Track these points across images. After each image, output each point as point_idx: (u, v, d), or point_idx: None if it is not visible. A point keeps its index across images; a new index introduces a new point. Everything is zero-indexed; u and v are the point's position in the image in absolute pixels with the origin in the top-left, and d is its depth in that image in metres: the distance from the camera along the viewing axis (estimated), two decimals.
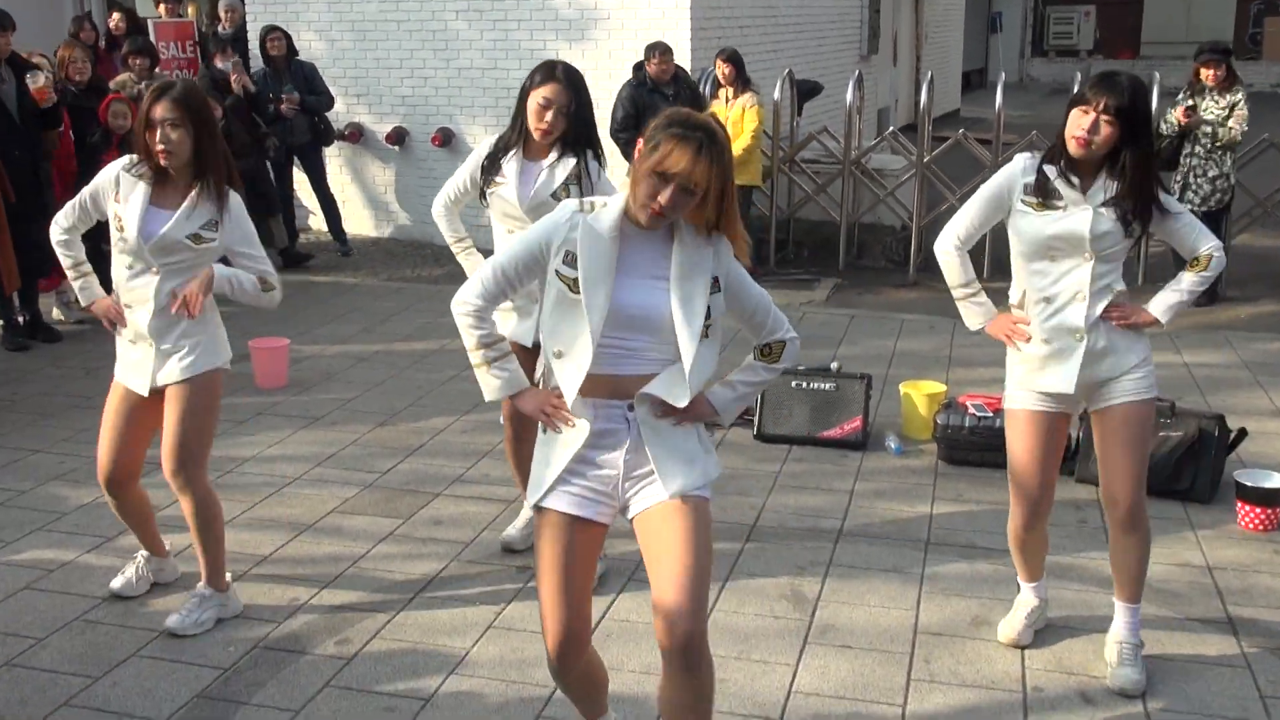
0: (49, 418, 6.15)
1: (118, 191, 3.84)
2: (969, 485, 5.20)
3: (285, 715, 3.50)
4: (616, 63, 9.52)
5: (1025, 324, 3.64)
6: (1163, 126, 8.20)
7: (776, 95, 9.41)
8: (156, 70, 9.17)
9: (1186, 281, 3.62)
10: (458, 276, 4.23)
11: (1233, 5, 25.34)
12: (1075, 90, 3.49)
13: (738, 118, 8.79)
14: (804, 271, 9.40)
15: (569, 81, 4.07)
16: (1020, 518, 3.75)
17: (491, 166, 4.20)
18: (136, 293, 3.91)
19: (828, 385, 5.71)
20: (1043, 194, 3.55)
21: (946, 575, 4.37)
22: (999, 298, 3.89)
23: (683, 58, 9.30)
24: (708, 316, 2.78)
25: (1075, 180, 3.52)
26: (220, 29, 10.88)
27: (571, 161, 4.13)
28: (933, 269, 9.14)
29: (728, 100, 8.88)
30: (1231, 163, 8.23)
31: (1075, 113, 3.47)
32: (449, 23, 10.13)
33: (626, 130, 8.88)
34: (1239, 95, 8.18)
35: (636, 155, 2.77)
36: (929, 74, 9.96)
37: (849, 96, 9.52)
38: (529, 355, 3.90)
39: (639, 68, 8.92)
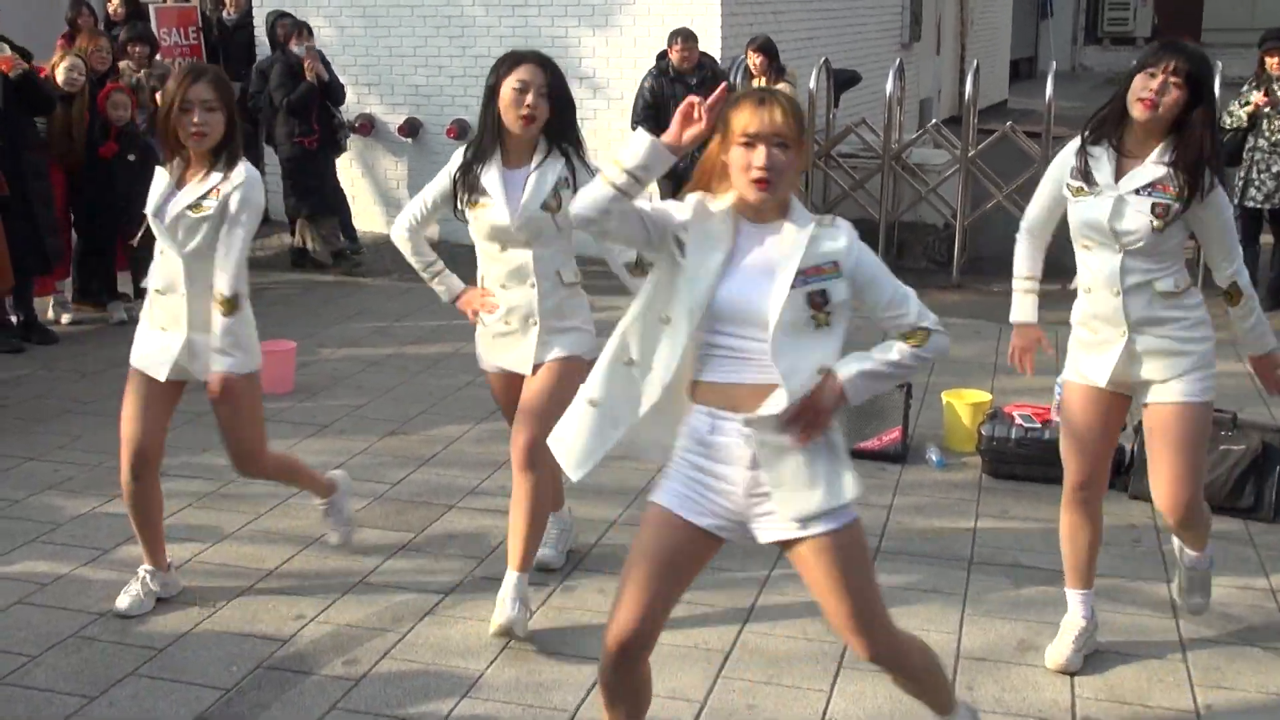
0: (42, 423, 6.20)
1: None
2: (1015, 501, 5.18)
3: None
4: (642, 50, 9.54)
5: (1033, 348, 4.00)
6: (1226, 119, 8.15)
7: (812, 85, 9.41)
8: (157, 58, 9.25)
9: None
10: (472, 277, 4.26)
11: None
12: (1137, 62, 3.59)
13: None
14: None
15: (542, 62, 3.93)
16: (1070, 490, 3.85)
17: (467, 182, 4.00)
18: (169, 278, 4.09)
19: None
20: (1082, 178, 3.64)
21: (991, 597, 4.35)
22: (1051, 298, 3.90)
23: (713, 45, 9.32)
24: (819, 304, 2.77)
25: (1113, 163, 3.59)
26: (225, 14, 10.96)
27: (559, 162, 3.99)
28: (977, 270, 9.20)
29: None
30: None
31: (1140, 77, 3.52)
32: (465, 9, 10.18)
33: (645, 121, 8.90)
34: None
35: (711, 150, 2.86)
36: (974, 63, 9.95)
37: (889, 87, 9.51)
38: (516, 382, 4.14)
39: (662, 56, 8.95)
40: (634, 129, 8.86)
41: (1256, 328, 3.72)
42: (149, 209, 4.06)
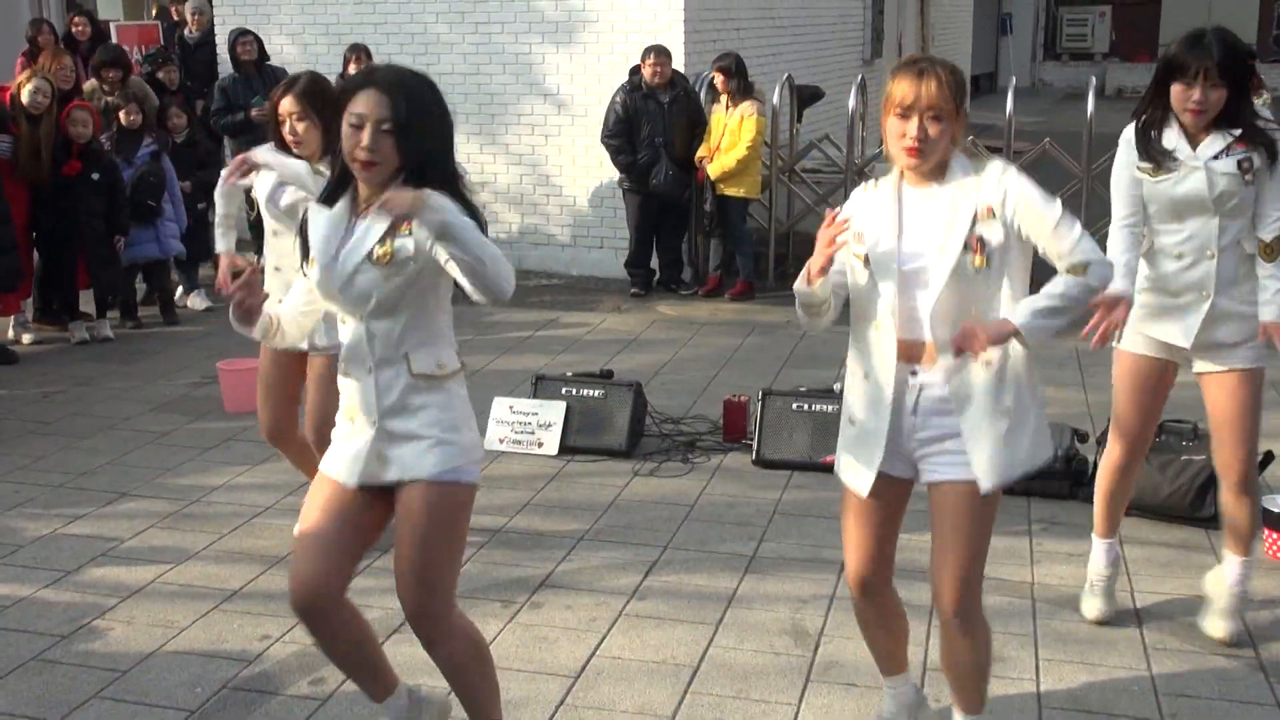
0: (2, 445, 6.13)
1: None
2: None
3: None
4: (606, 67, 9.56)
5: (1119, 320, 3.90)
6: None
7: (775, 101, 9.46)
8: (134, 76, 9.20)
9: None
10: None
11: (1256, 6, 25.51)
12: (1164, 58, 3.77)
13: (735, 126, 8.83)
14: None
15: (390, 86, 2.88)
16: (1117, 456, 4.10)
17: (304, 236, 3.10)
18: None
19: (831, 407, 5.72)
20: (1152, 159, 3.80)
21: None
22: None
23: (676, 62, 9.34)
24: (975, 248, 2.97)
25: (1185, 139, 3.76)
26: (187, 32, 10.91)
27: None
28: None
29: (727, 107, 8.92)
30: None
31: (1177, 88, 3.71)
32: (429, 25, 10.17)
33: (617, 137, 8.93)
34: (1262, 97, 8.23)
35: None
36: None
37: (851, 102, 9.57)
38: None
39: (634, 71, 8.97)
40: (604, 144, 8.91)
41: None
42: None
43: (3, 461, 5.88)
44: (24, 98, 7.58)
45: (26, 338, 8.06)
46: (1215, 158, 3.73)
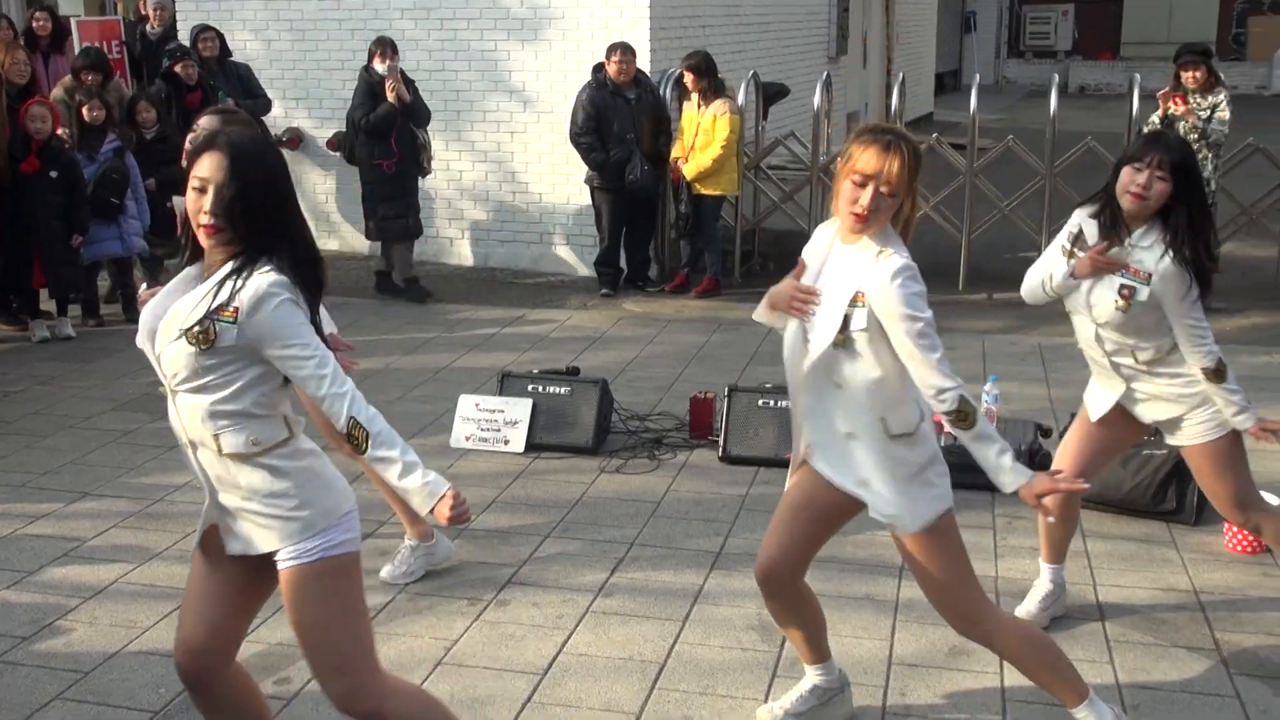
0: None
1: None
2: None
3: None
4: (571, 64, 9.54)
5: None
6: (1145, 128, 8.31)
7: (741, 99, 9.46)
8: (110, 80, 9.08)
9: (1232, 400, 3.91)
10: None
11: (1215, 5, 25.76)
12: (1130, 147, 3.96)
13: (709, 125, 8.83)
14: (770, 285, 9.44)
15: (231, 144, 2.78)
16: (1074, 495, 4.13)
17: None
18: None
19: None
20: (1074, 246, 3.92)
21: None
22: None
23: (642, 60, 9.34)
24: (844, 329, 3.10)
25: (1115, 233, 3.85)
26: (149, 28, 10.81)
27: (225, 270, 2.76)
28: None
29: (699, 106, 8.91)
30: (1214, 168, 8.36)
31: (1127, 170, 3.81)
32: (393, 21, 10.12)
33: (588, 135, 8.91)
34: (1221, 96, 8.30)
35: (839, 166, 3.11)
36: (900, 76, 10.07)
37: (817, 99, 9.59)
38: None
39: (599, 69, 8.95)
40: (574, 143, 8.86)
41: (1244, 398, 3.90)
42: None
43: None
44: None
45: None
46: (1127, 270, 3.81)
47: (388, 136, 8.78)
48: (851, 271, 3.13)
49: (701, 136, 8.87)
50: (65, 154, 7.95)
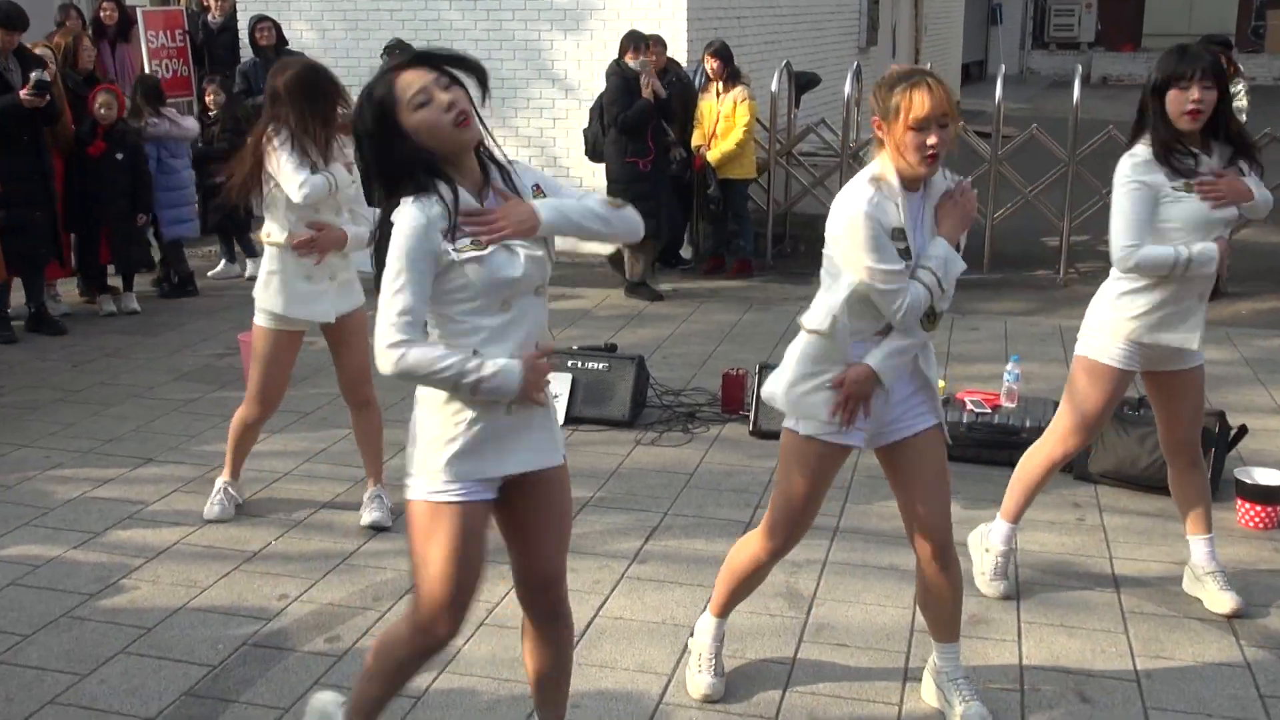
0: (34, 412, 6.14)
1: None
2: (966, 483, 5.19)
3: (274, 713, 3.50)
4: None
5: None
6: None
7: (774, 87, 9.40)
8: (148, 65, 9.13)
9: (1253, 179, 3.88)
10: None
11: None
12: (1159, 74, 3.72)
13: (729, 111, 8.78)
14: (802, 267, 9.40)
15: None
16: (1069, 452, 4.07)
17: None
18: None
19: None
20: (1183, 174, 3.73)
21: None
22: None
23: (679, 49, 9.29)
24: None
25: (1203, 164, 3.74)
26: (210, 18, 10.85)
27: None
28: None
29: (718, 94, 8.86)
30: None
31: (1174, 93, 3.67)
32: (442, 12, 10.12)
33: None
34: (1239, 86, 8.17)
35: (876, 131, 3.07)
36: (928, 66, 9.93)
37: (848, 88, 9.51)
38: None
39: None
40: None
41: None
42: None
43: (34, 428, 5.89)
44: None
45: (57, 311, 8.05)
46: (1229, 164, 3.75)
47: (643, 134, 8.31)
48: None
49: (723, 123, 8.81)
50: (129, 137, 8.00)
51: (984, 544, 4.24)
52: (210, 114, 8.91)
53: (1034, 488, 4.16)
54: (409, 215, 2.60)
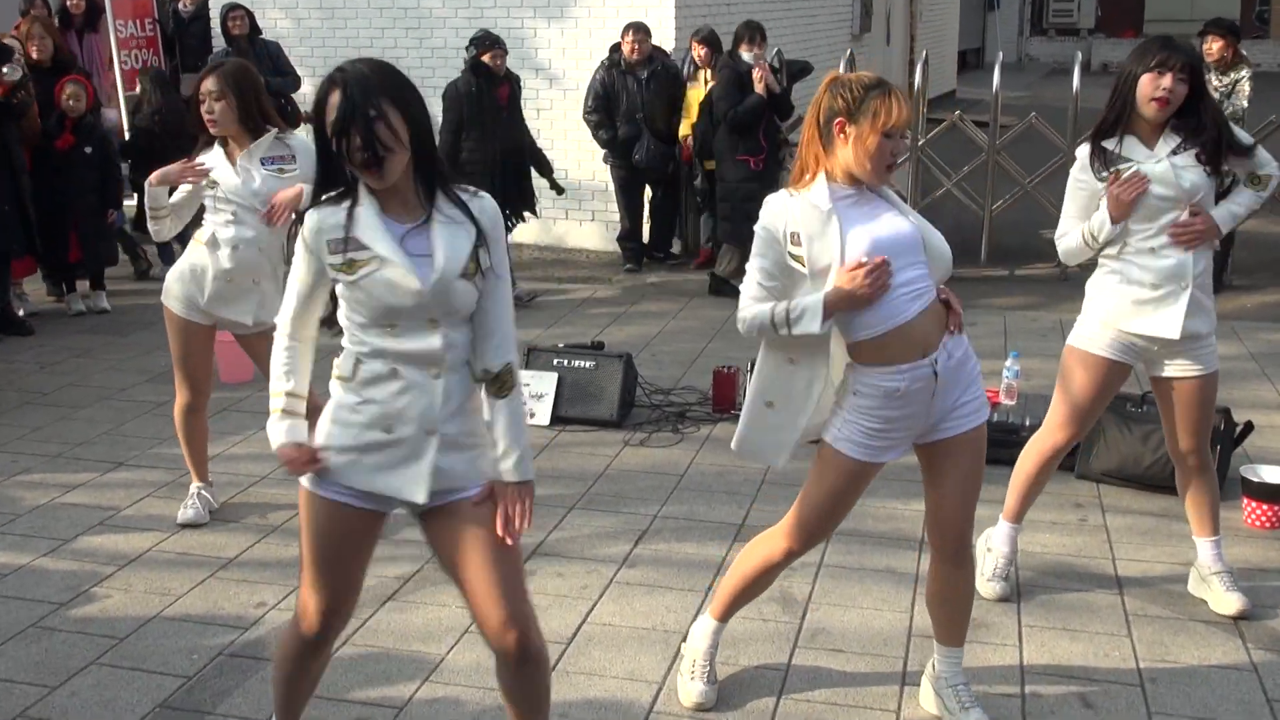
0: (0, 415, 6.11)
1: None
2: None
3: None
4: (597, 42, 9.51)
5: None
6: None
7: None
8: (116, 55, 9.11)
9: (1245, 197, 3.97)
10: None
11: None
12: (1136, 59, 3.80)
13: None
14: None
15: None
16: (1060, 445, 4.09)
17: None
18: None
19: None
20: (1110, 164, 3.83)
21: None
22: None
23: (666, 36, 9.30)
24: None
25: (1139, 144, 3.81)
26: (181, 6, 10.82)
27: None
28: None
29: (706, 82, 8.86)
30: None
31: (1147, 78, 3.74)
32: (421, 1, 10.10)
33: (596, 113, 8.91)
34: (1243, 73, 8.19)
35: (837, 130, 3.06)
36: (924, 53, 9.98)
37: None
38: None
39: (615, 48, 8.91)
40: (588, 120, 8.85)
41: (1242, 212, 4.01)
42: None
43: (1, 432, 5.87)
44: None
45: (22, 310, 8.02)
46: (1173, 153, 3.78)
47: (755, 130, 8.21)
48: (902, 209, 3.22)
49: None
50: (98, 130, 7.98)
51: (987, 544, 4.27)
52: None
53: (1032, 483, 4.18)
54: (307, 216, 2.77)
